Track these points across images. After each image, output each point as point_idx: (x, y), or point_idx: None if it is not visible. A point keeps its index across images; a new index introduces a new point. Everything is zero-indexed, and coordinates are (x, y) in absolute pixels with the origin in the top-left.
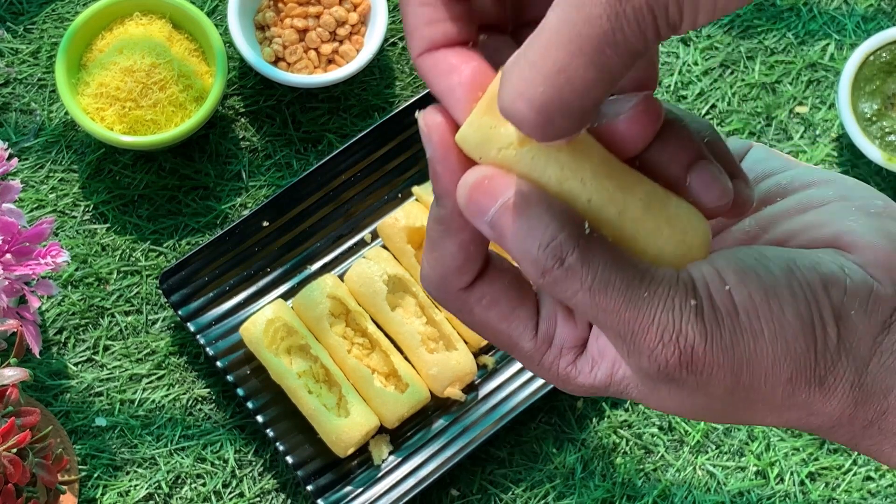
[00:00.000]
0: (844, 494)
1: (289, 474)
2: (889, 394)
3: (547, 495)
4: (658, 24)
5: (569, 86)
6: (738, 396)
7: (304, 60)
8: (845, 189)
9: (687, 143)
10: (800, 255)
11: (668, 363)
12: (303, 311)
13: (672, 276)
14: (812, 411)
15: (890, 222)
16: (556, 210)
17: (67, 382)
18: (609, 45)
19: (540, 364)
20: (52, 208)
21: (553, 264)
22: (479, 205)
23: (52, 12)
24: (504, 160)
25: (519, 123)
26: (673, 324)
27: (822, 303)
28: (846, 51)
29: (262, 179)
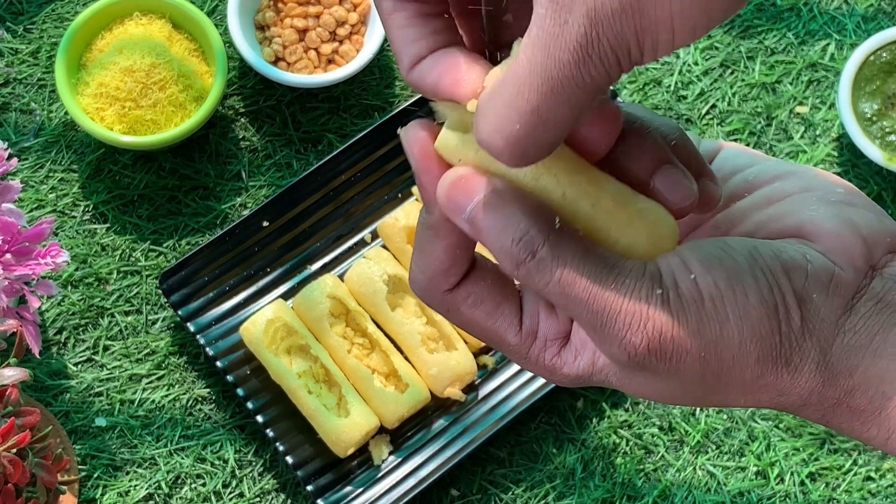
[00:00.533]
0: (844, 494)
1: (289, 474)
2: (854, 372)
3: (547, 495)
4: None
5: (542, 123)
6: (708, 380)
7: (304, 60)
8: (808, 180)
9: (651, 146)
10: (762, 244)
11: (637, 350)
12: (303, 311)
13: (639, 267)
14: (781, 391)
15: (849, 209)
16: (527, 206)
17: (67, 382)
18: (578, 86)
19: (527, 357)
20: (52, 208)
21: (525, 257)
22: (456, 203)
23: (51, 12)
24: (481, 161)
25: (496, 155)
26: (640, 312)
27: (784, 287)
28: (846, 51)
29: (262, 179)
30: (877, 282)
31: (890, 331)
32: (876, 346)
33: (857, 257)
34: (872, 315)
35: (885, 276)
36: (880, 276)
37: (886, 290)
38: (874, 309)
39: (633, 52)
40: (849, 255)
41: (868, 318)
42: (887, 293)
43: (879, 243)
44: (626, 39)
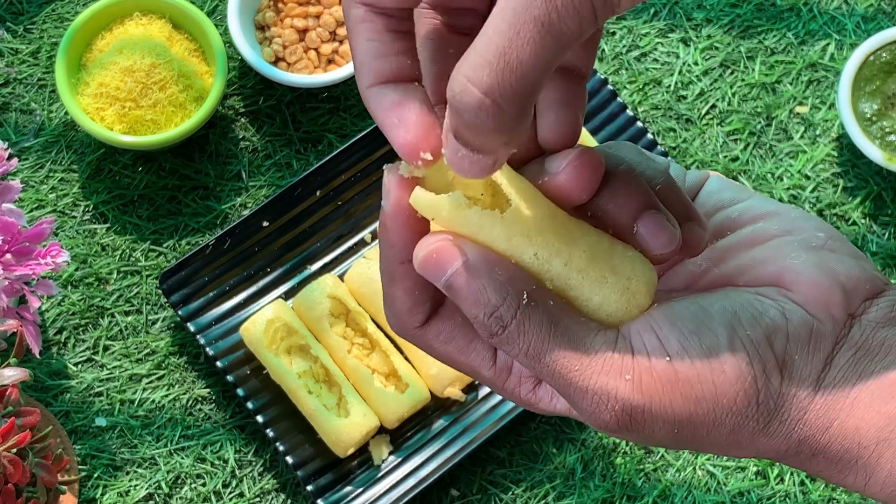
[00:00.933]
0: (844, 495)
1: (289, 474)
2: (831, 426)
3: (547, 495)
4: (595, 7)
5: (509, 69)
6: (682, 442)
7: (304, 60)
8: (790, 222)
9: (635, 192)
10: (742, 308)
11: (606, 424)
12: (303, 311)
13: (609, 341)
14: (758, 450)
15: (830, 256)
16: (498, 281)
17: (67, 382)
18: (546, 28)
19: (503, 389)
20: (52, 208)
21: (496, 330)
22: (433, 274)
23: (52, 12)
24: (453, 220)
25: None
26: (608, 392)
27: (765, 356)
28: (846, 51)
29: (262, 179)
30: (855, 330)
31: (868, 379)
32: (853, 397)
33: (836, 307)
34: (851, 365)
35: (863, 322)
36: (859, 323)
37: (864, 337)
38: (852, 359)
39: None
40: (828, 305)
41: (847, 369)
42: (865, 341)
43: (859, 290)
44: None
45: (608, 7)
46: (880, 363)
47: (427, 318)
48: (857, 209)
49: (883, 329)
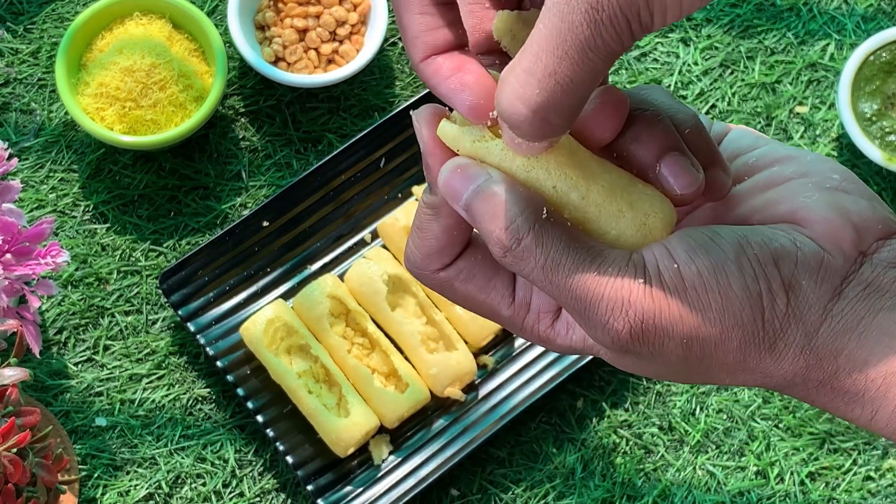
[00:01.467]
0: (844, 494)
1: (289, 474)
2: (839, 355)
3: (547, 495)
4: (632, 27)
5: (559, 87)
6: (692, 363)
7: (304, 60)
8: (805, 165)
9: (659, 133)
10: (752, 232)
11: (619, 336)
12: (303, 311)
13: (623, 256)
14: (765, 373)
15: (843, 196)
16: (517, 196)
17: (67, 382)
18: (591, 48)
19: (522, 328)
20: (52, 208)
21: (511, 244)
22: (454, 190)
23: (52, 12)
24: (477, 151)
25: (518, 124)
26: (621, 299)
27: (771, 275)
28: (846, 51)
29: (262, 179)
30: (866, 267)
31: (876, 314)
32: (862, 329)
33: (847, 243)
34: (860, 299)
35: (874, 261)
36: (870, 261)
37: (875, 275)
38: (862, 294)
39: (643, 15)
40: (839, 242)
41: (856, 302)
42: (876, 278)
43: (871, 230)
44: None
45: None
46: (890, 300)
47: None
48: None
49: (894, 269)
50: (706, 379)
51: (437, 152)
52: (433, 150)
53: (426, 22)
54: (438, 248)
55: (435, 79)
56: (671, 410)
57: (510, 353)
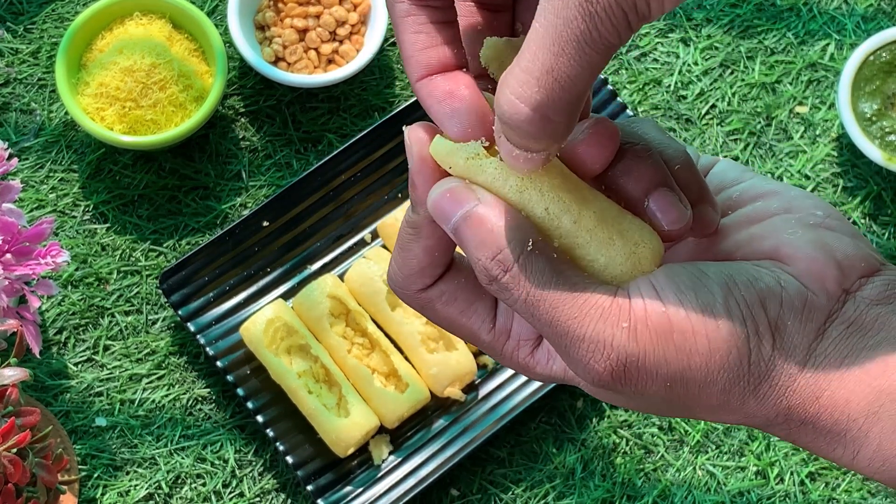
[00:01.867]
0: (844, 494)
1: (289, 474)
2: (821, 396)
3: (547, 495)
4: (629, 18)
5: (557, 84)
6: (674, 402)
7: (304, 60)
8: (789, 200)
9: (649, 168)
10: (738, 272)
11: (600, 377)
12: (303, 311)
13: (609, 293)
14: (748, 414)
15: (827, 234)
16: (505, 224)
17: (67, 382)
18: (587, 43)
19: (502, 354)
20: (52, 208)
21: (497, 274)
22: (443, 212)
23: (52, 12)
24: (470, 168)
25: (519, 124)
26: (603, 341)
27: (758, 318)
28: (846, 51)
29: (262, 179)
30: (849, 305)
31: (859, 354)
32: (844, 370)
33: (830, 281)
34: (843, 339)
35: (857, 299)
36: (853, 299)
37: (858, 313)
38: (845, 332)
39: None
40: (822, 280)
41: (838, 341)
42: (859, 317)
43: (854, 267)
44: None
45: (641, 17)
46: (872, 339)
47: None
48: (856, 209)
49: (877, 307)
50: (687, 415)
51: (425, 170)
52: (421, 167)
53: (421, 41)
54: (419, 269)
55: (428, 101)
56: None
57: None
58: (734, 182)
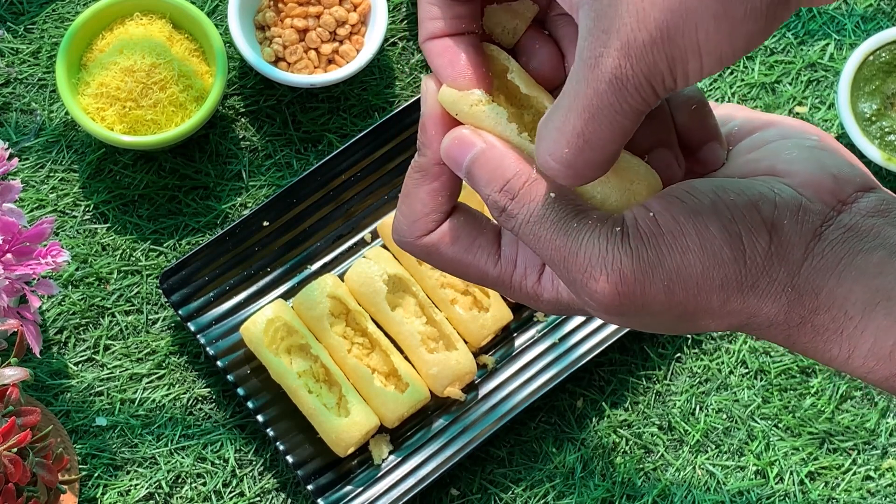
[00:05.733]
0: (844, 494)
1: (289, 474)
2: (820, 293)
3: (547, 495)
4: (656, 90)
5: (588, 146)
6: (677, 310)
7: (304, 60)
8: (786, 129)
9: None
10: (730, 183)
11: (599, 290)
12: (303, 310)
13: (604, 215)
14: (749, 314)
15: (821, 153)
16: (509, 161)
17: (68, 382)
18: (617, 112)
19: (511, 286)
20: (53, 208)
21: (504, 204)
22: (455, 158)
23: (52, 12)
24: (474, 114)
25: (553, 176)
26: (599, 249)
27: (751, 218)
28: (846, 51)
29: (262, 179)
30: (844, 215)
31: (856, 256)
32: (842, 269)
33: (825, 191)
34: (840, 242)
35: (853, 210)
36: (849, 209)
37: (854, 221)
38: (842, 236)
39: (667, 79)
40: (818, 189)
41: (836, 244)
42: (855, 224)
43: (849, 181)
44: (658, 69)
45: (668, 89)
46: (869, 243)
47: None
48: None
49: (872, 218)
50: (692, 326)
51: (435, 114)
52: (433, 111)
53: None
54: (424, 214)
55: (430, 56)
56: (671, 410)
57: (510, 353)
58: (733, 117)
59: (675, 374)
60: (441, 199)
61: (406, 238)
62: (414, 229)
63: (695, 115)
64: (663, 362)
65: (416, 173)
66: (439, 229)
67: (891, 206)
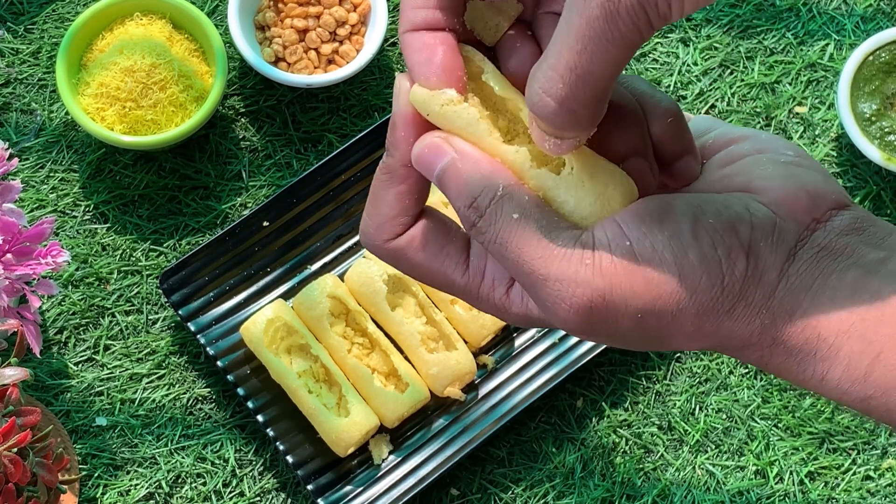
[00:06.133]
0: (844, 494)
1: (289, 474)
2: (794, 314)
3: (546, 495)
4: (650, 18)
5: (580, 79)
6: (649, 335)
7: (304, 60)
8: (761, 143)
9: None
10: (706, 201)
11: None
12: (303, 310)
13: (574, 235)
14: (724, 336)
15: (796, 169)
16: (479, 174)
17: (68, 382)
18: (609, 41)
19: (478, 297)
20: (53, 208)
21: (475, 219)
22: (427, 166)
23: (52, 12)
24: (445, 115)
25: (547, 116)
26: (567, 279)
27: (730, 242)
28: (845, 51)
29: (262, 179)
30: (819, 234)
31: (829, 276)
32: (816, 289)
33: (799, 210)
34: (814, 261)
35: (827, 228)
36: (823, 228)
37: (828, 240)
38: (815, 256)
39: (661, 5)
40: (792, 207)
41: (810, 263)
42: (829, 243)
43: (824, 199)
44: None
45: (662, 17)
46: (843, 262)
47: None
48: None
49: (847, 236)
50: (663, 347)
51: (406, 114)
52: (404, 111)
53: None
54: (391, 216)
55: (406, 50)
56: (671, 410)
57: (510, 353)
58: (707, 130)
59: (674, 374)
60: (408, 202)
61: (373, 241)
62: (381, 232)
63: (671, 127)
64: (663, 362)
65: (383, 174)
66: (407, 234)
67: (865, 223)
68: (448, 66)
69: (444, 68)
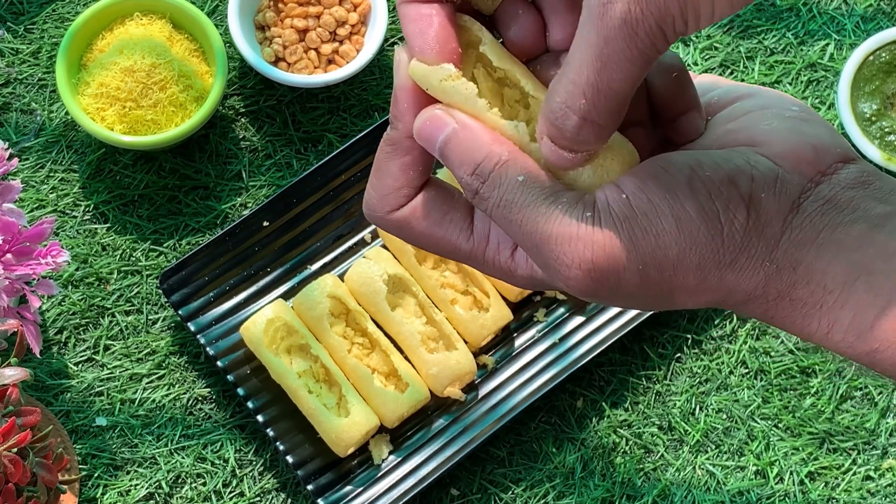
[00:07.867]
0: (844, 494)
1: (289, 474)
2: (798, 266)
3: (547, 495)
4: (667, 35)
5: (601, 94)
6: (652, 290)
7: (304, 60)
8: (766, 99)
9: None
10: (706, 156)
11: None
12: (303, 310)
13: (575, 196)
14: (727, 290)
15: (801, 123)
16: (481, 142)
17: (68, 382)
18: (627, 59)
19: (483, 261)
20: (53, 208)
21: (476, 187)
22: (429, 138)
23: (52, 12)
24: (444, 90)
25: (570, 130)
26: (570, 235)
27: (728, 194)
28: (846, 51)
29: (262, 179)
30: (823, 186)
31: (835, 229)
32: (821, 241)
33: (804, 162)
34: (818, 214)
35: (832, 181)
36: (828, 181)
37: (833, 193)
38: (820, 209)
39: (678, 23)
40: (796, 160)
41: (814, 216)
42: (834, 196)
43: (829, 152)
44: (669, 12)
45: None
46: (849, 216)
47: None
48: None
49: (852, 190)
50: (669, 305)
51: (407, 86)
52: (405, 83)
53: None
54: (395, 188)
55: (403, 21)
56: (671, 410)
57: (510, 353)
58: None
59: (675, 374)
60: (413, 173)
61: (376, 213)
62: (384, 204)
63: (675, 83)
64: (663, 362)
65: (387, 146)
66: (410, 204)
67: (871, 177)
68: (443, 40)
69: (439, 42)
